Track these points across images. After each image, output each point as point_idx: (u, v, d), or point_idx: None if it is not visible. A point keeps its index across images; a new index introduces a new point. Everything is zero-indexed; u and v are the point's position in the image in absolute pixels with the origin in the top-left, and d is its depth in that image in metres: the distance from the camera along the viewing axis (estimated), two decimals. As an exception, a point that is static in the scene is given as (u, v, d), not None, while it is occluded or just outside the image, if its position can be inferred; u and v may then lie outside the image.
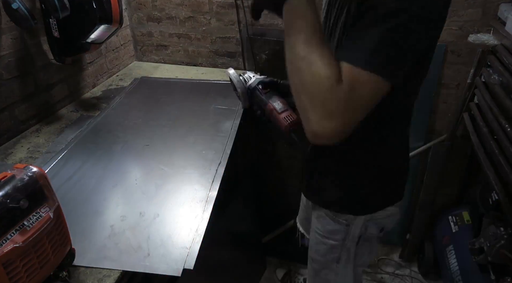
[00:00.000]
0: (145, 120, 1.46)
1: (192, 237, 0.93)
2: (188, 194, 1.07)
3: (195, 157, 1.24)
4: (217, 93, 1.66)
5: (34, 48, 1.40)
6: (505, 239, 1.28)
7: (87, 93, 1.70)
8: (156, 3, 1.87)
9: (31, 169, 0.72)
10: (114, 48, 1.86)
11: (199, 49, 1.94)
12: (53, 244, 0.75)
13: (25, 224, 0.69)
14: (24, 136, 1.37)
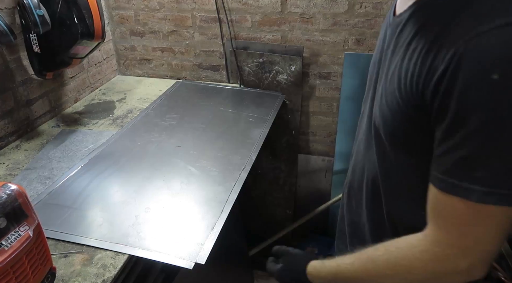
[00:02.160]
0: (180, 122, 1.53)
1: (207, 234, 0.98)
2: (210, 194, 1.13)
3: (221, 160, 1.29)
4: (250, 102, 1.73)
5: (14, 64, 1.38)
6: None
7: (69, 108, 1.68)
8: (139, 18, 1.88)
9: (10, 187, 0.71)
10: (96, 62, 1.85)
11: (182, 62, 1.95)
12: (33, 263, 0.73)
13: (3, 244, 0.67)
14: (3, 153, 1.34)
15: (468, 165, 0.49)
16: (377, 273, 0.61)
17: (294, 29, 1.71)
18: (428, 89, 0.51)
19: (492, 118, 0.46)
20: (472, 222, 0.51)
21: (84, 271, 0.88)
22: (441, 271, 0.55)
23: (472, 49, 0.45)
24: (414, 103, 0.54)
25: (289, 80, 1.80)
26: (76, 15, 1.29)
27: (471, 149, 0.48)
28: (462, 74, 0.46)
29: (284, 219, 2.17)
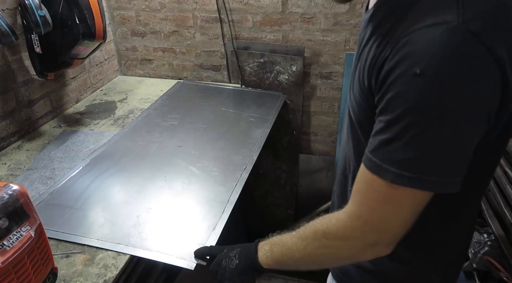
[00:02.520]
0: (182, 122, 1.53)
1: (209, 234, 0.98)
2: (211, 195, 1.13)
3: (222, 161, 1.29)
4: (251, 102, 1.73)
5: (16, 64, 1.38)
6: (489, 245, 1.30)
7: (71, 109, 1.68)
8: (140, 18, 1.88)
9: (11, 187, 0.71)
10: (97, 63, 1.85)
11: (184, 63, 1.95)
12: (35, 263, 0.73)
13: (5, 244, 0.67)
14: (5, 153, 1.34)
15: (388, 148, 0.53)
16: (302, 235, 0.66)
17: (295, 29, 1.71)
18: (371, 79, 0.56)
19: (411, 108, 0.50)
20: (382, 199, 0.55)
21: (85, 271, 0.88)
22: (350, 239, 0.60)
23: (403, 45, 0.50)
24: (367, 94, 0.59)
25: (290, 80, 1.80)
26: (77, 15, 1.29)
27: (392, 133, 0.52)
28: (395, 67, 0.51)
29: (285, 219, 2.17)
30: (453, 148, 0.51)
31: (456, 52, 0.47)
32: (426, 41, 0.48)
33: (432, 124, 0.49)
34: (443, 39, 0.47)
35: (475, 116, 0.51)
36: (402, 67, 0.50)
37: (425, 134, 0.50)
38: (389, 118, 0.52)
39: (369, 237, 0.58)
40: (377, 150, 0.54)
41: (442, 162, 0.51)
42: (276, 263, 0.73)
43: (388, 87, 0.52)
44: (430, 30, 0.48)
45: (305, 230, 0.67)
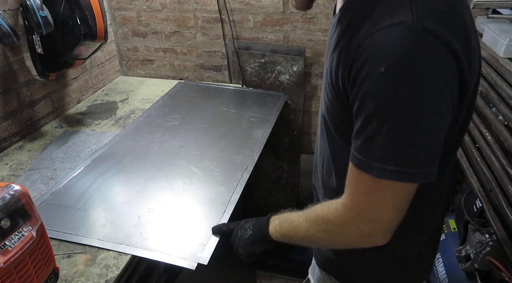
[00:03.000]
0: (183, 123, 1.54)
1: (210, 235, 0.98)
2: (212, 195, 1.13)
3: (223, 161, 1.29)
4: (252, 102, 1.73)
5: (17, 65, 1.39)
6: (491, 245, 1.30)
7: (72, 109, 1.69)
8: (141, 19, 1.88)
9: (13, 187, 0.71)
10: (99, 63, 1.86)
11: (185, 63, 1.95)
12: (36, 263, 0.74)
13: (7, 244, 0.67)
14: (7, 153, 1.35)
15: (369, 145, 0.56)
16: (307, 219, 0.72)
17: (296, 29, 1.71)
18: (344, 81, 0.59)
19: (382, 106, 0.53)
20: (370, 193, 0.59)
21: (87, 271, 0.88)
22: (346, 228, 0.64)
23: (366, 46, 0.53)
24: (340, 94, 0.62)
25: (291, 81, 1.80)
26: (78, 16, 1.29)
27: (370, 131, 0.55)
28: (361, 68, 0.54)
29: (286, 219, 2.17)
30: (426, 138, 0.54)
31: (415, 49, 0.50)
32: (386, 41, 0.51)
33: (403, 118, 0.52)
34: (401, 37, 0.51)
35: (441, 106, 0.53)
36: (368, 67, 0.53)
37: (399, 128, 0.53)
38: (365, 117, 0.55)
39: (364, 228, 0.62)
40: (360, 148, 0.58)
41: (418, 154, 0.54)
42: (283, 237, 0.79)
43: (359, 87, 0.55)
44: (389, 30, 0.51)
45: (309, 212, 0.72)
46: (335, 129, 0.70)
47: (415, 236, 0.77)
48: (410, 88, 0.51)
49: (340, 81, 0.60)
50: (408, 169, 0.54)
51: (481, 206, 1.42)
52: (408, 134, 0.53)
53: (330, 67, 0.64)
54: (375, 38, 0.52)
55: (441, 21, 0.52)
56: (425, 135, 0.54)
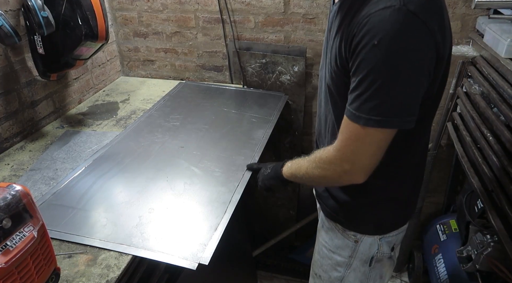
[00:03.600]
0: (184, 123, 1.54)
1: (211, 235, 0.98)
2: (213, 195, 1.14)
3: (224, 161, 1.30)
4: (253, 102, 1.73)
5: (19, 65, 1.39)
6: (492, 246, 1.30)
7: (73, 109, 1.69)
8: (143, 19, 1.88)
9: (14, 188, 0.71)
10: (100, 63, 1.86)
11: (186, 63, 1.95)
12: (37, 264, 0.74)
13: (8, 244, 0.67)
14: (8, 154, 1.35)
15: (360, 100, 0.71)
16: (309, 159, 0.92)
17: (297, 30, 1.71)
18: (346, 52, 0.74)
19: (373, 69, 0.68)
20: (355, 138, 0.75)
21: (88, 271, 0.88)
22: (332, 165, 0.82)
23: (365, 25, 0.68)
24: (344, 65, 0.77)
25: (292, 81, 1.80)
26: (80, 16, 1.29)
27: (362, 89, 0.71)
28: (360, 41, 0.69)
29: (287, 220, 2.17)
30: (406, 95, 0.70)
31: (401, 26, 0.66)
32: (380, 20, 0.67)
33: (389, 79, 0.68)
34: (391, 17, 0.66)
35: (420, 71, 0.70)
36: (365, 40, 0.68)
37: (383, 87, 0.69)
38: (358, 78, 0.71)
39: (344, 165, 0.79)
40: (352, 103, 0.73)
41: (398, 106, 0.70)
42: (290, 175, 1.01)
43: (356, 55, 0.70)
44: (382, 12, 0.67)
45: (311, 155, 0.91)
46: (339, 97, 0.84)
47: (405, 182, 0.94)
48: (395, 56, 0.67)
49: (343, 53, 0.75)
50: (389, 118, 0.70)
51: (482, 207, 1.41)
52: (390, 92, 0.69)
53: (335, 44, 0.79)
54: (372, 18, 0.67)
55: (422, 5, 0.67)
56: (404, 92, 0.70)
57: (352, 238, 0.98)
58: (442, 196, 1.93)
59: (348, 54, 0.73)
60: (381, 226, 0.97)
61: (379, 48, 0.66)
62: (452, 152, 1.79)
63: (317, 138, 1.09)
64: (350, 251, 0.99)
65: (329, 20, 0.90)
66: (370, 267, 1.00)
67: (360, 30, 0.69)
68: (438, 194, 1.93)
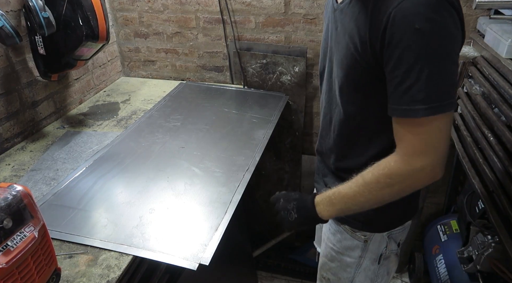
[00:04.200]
0: (184, 123, 1.54)
1: (211, 235, 0.98)
2: (214, 195, 1.14)
3: (225, 161, 1.29)
4: (254, 102, 1.73)
5: (20, 65, 1.39)
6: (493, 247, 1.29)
7: (74, 110, 1.69)
8: (143, 19, 1.88)
9: (15, 188, 0.71)
10: (101, 64, 1.86)
11: (186, 64, 1.95)
12: (38, 264, 0.74)
13: (9, 245, 0.67)
14: (9, 154, 1.35)
15: (411, 93, 0.68)
16: (364, 185, 0.79)
17: (297, 30, 1.71)
18: (376, 44, 0.71)
19: (420, 56, 0.66)
20: (424, 131, 0.71)
21: (88, 271, 0.88)
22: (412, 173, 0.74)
23: (399, 11, 0.67)
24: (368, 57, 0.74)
25: (292, 81, 1.80)
26: (80, 17, 1.29)
27: (411, 80, 0.68)
28: (396, 29, 0.67)
29: (288, 220, 2.17)
30: (452, 75, 0.69)
31: (437, 9, 0.66)
32: (415, 5, 0.66)
33: (437, 63, 0.67)
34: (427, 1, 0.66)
35: (458, 50, 0.71)
36: (403, 28, 0.66)
37: (435, 72, 0.67)
38: (404, 70, 0.68)
39: (426, 166, 0.72)
40: (401, 99, 0.70)
41: (450, 88, 0.69)
42: (338, 212, 0.87)
43: (395, 46, 0.68)
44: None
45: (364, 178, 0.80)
46: (355, 91, 0.82)
47: None
48: (442, 39, 0.66)
49: (369, 47, 0.73)
50: (445, 102, 0.68)
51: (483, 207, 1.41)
52: (442, 75, 0.67)
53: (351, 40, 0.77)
54: (404, 5, 0.66)
55: None
56: (452, 73, 0.69)
57: (361, 238, 0.98)
58: (443, 197, 1.93)
59: (379, 47, 0.71)
60: (389, 222, 0.97)
61: (423, 32, 0.65)
62: (453, 152, 1.79)
63: (320, 142, 1.05)
64: (360, 251, 0.99)
65: (329, 19, 0.89)
66: (379, 265, 1.01)
67: (394, 19, 0.67)
68: (439, 195, 1.93)
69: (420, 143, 0.72)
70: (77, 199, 1.12)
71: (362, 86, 0.80)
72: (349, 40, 0.78)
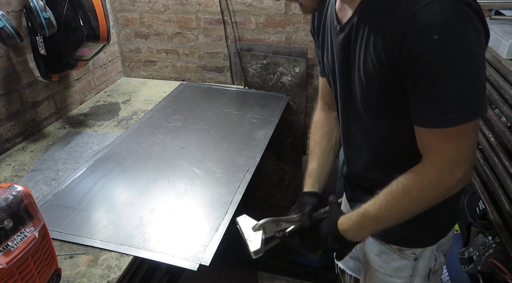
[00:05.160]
0: (185, 124, 1.54)
1: (212, 235, 0.98)
2: (214, 196, 1.14)
3: (225, 162, 1.30)
4: (255, 103, 1.73)
5: (20, 66, 1.39)
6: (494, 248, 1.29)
7: (75, 110, 1.69)
8: (144, 20, 1.88)
9: (16, 188, 0.71)
10: (101, 64, 1.86)
11: (187, 64, 1.95)
12: (38, 264, 0.74)
13: (9, 245, 0.67)
14: (10, 154, 1.35)
15: (437, 103, 0.66)
16: (396, 202, 0.75)
17: (298, 31, 1.71)
18: (393, 61, 0.68)
19: (442, 65, 0.64)
20: (454, 140, 0.69)
21: (89, 272, 0.88)
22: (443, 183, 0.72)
23: (414, 25, 0.64)
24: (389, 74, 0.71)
25: (293, 82, 1.80)
26: (81, 17, 1.30)
27: (436, 90, 0.65)
28: (415, 41, 0.64)
29: (288, 221, 2.17)
30: (480, 80, 0.66)
31: (455, 16, 0.63)
32: (431, 16, 0.63)
33: (463, 70, 0.64)
34: (442, 9, 0.63)
35: (483, 53, 0.67)
36: (422, 39, 0.63)
37: (461, 79, 0.64)
38: (429, 82, 0.65)
39: (457, 173, 0.71)
40: (427, 110, 0.68)
41: (478, 93, 0.66)
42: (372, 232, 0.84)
43: (416, 59, 0.65)
44: (429, 7, 0.63)
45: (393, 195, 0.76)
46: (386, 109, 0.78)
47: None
48: (462, 45, 0.63)
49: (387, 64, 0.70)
50: (473, 109, 0.66)
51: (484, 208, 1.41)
52: (468, 81, 0.65)
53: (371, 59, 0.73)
54: (420, 16, 0.63)
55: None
56: (478, 77, 0.66)
57: (411, 257, 0.92)
58: (444, 197, 1.93)
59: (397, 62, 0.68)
60: (438, 233, 0.93)
61: (443, 41, 0.62)
62: (454, 153, 1.79)
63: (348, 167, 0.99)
64: (410, 270, 0.94)
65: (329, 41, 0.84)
66: (428, 281, 0.97)
67: (411, 32, 0.64)
68: (439, 195, 1.92)
69: (452, 153, 0.70)
70: (78, 199, 1.12)
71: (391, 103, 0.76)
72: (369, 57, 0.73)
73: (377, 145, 0.87)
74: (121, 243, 0.96)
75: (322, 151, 1.06)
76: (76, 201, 1.11)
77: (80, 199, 1.12)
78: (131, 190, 1.16)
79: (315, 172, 1.02)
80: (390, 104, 0.77)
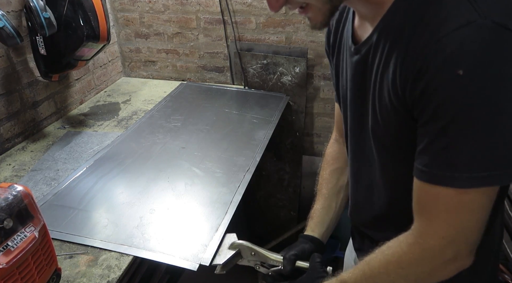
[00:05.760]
0: (185, 124, 1.54)
1: (212, 235, 0.98)
2: (214, 196, 1.14)
3: (225, 162, 1.30)
4: (255, 103, 1.73)
5: (20, 66, 1.39)
6: (493, 247, 1.29)
7: (75, 110, 1.69)
8: (144, 20, 1.89)
9: (16, 188, 0.71)
10: (101, 64, 1.86)
11: (187, 64, 1.96)
12: (38, 264, 0.74)
13: (9, 245, 0.67)
14: (10, 154, 1.35)
15: (448, 155, 0.51)
16: (372, 274, 0.62)
17: (298, 31, 1.71)
18: (408, 94, 0.55)
19: (463, 108, 0.49)
20: (455, 209, 0.53)
21: (89, 272, 0.88)
22: (428, 262, 0.57)
23: (436, 53, 0.50)
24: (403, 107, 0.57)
25: (293, 82, 1.80)
26: (81, 17, 1.30)
27: (449, 139, 0.51)
28: (434, 75, 0.50)
29: (288, 221, 2.17)
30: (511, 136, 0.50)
31: (492, 46, 0.48)
32: (460, 43, 0.48)
33: (488, 117, 0.49)
34: (474, 37, 0.48)
35: None
36: (443, 73, 0.49)
37: (485, 130, 0.49)
38: (441, 126, 0.51)
39: (448, 253, 0.55)
40: (434, 160, 0.53)
41: (507, 153, 0.50)
42: None
43: (431, 96, 0.51)
44: (459, 32, 0.48)
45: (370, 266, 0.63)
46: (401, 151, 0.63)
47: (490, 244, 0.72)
48: (493, 86, 0.48)
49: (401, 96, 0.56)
50: (498, 171, 0.50)
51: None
52: (493, 135, 0.49)
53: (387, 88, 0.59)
54: (444, 42, 0.49)
55: (508, 13, 0.49)
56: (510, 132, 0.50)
57: None
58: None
59: (410, 96, 0.54)
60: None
61: (468, 79, 0.48)
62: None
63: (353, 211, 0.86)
64: None
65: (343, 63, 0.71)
66: None
67: (431, 61, 0.50)
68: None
69: (447, 227, 0.54)
70: (78, 199, 1.12)
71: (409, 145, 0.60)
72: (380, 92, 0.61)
73: (390, 192, 0.71)
74: (121, 243, 0.96)
75: (329, 190, 0.92)
76: (76, 201, 1.11)
77: (80, 199, 1.12)
78: (131, 190, 1.16)
79: (318, 214, 0.90)
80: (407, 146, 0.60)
